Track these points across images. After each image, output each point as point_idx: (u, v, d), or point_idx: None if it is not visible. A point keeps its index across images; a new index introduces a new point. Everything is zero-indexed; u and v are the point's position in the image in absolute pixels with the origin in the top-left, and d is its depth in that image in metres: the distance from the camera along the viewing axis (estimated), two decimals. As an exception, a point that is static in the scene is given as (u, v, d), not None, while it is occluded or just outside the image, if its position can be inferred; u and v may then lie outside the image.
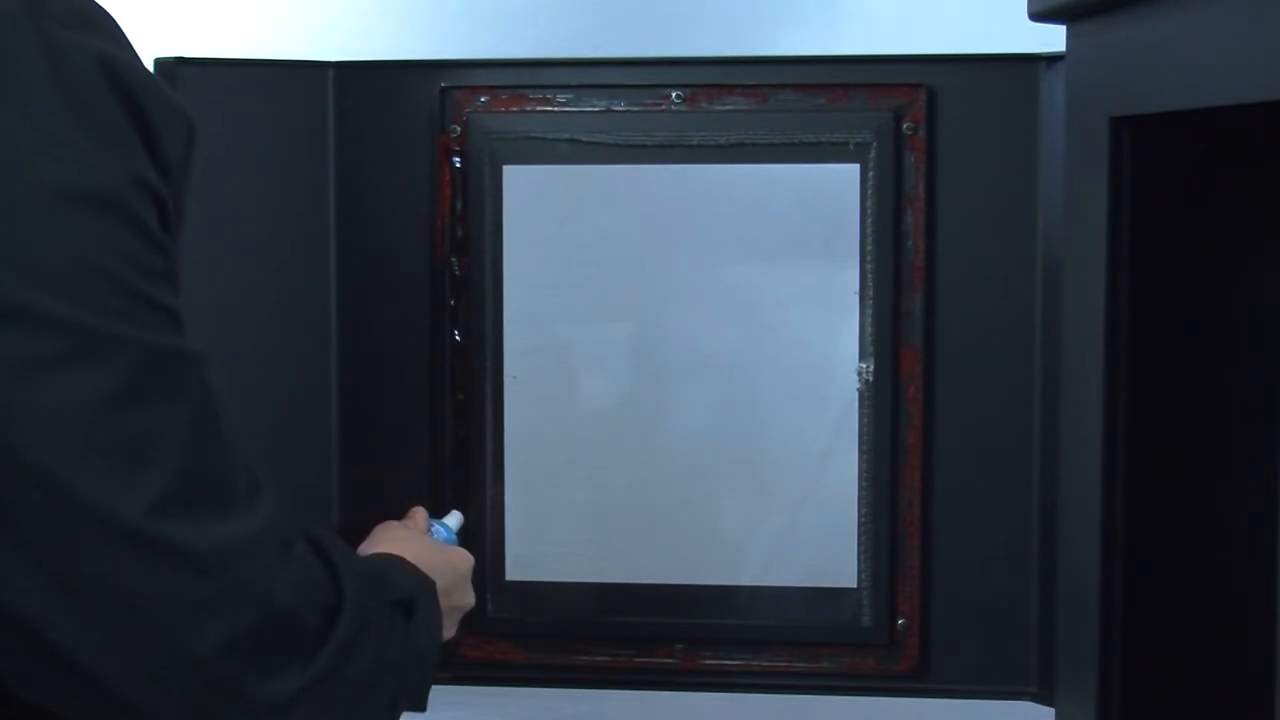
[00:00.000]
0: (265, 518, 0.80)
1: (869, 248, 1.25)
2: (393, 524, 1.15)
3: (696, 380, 1.29)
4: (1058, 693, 1.03)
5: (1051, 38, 1.03)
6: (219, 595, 0.77)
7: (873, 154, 1.25)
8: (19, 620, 0.75)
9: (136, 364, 0.75)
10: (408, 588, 0.95)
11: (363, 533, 1.32)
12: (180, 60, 1.21)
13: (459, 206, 1.29)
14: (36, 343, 0.73)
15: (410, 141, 1.30)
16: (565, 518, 1.30)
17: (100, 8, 0.81)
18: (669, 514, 1.29)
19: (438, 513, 1.22)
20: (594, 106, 1.28)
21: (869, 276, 1.25)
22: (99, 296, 0.74)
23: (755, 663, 1.29)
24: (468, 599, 1.14)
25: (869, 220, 1.25)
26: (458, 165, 1.29)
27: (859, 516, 1.27)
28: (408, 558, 1.02)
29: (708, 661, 1.30)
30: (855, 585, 1.27)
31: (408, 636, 0.92)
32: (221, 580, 0.77)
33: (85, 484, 0.73)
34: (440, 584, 1.01)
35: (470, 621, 1.28)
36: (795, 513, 1.29)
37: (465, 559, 1.15)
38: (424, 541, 1.14)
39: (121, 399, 0.75)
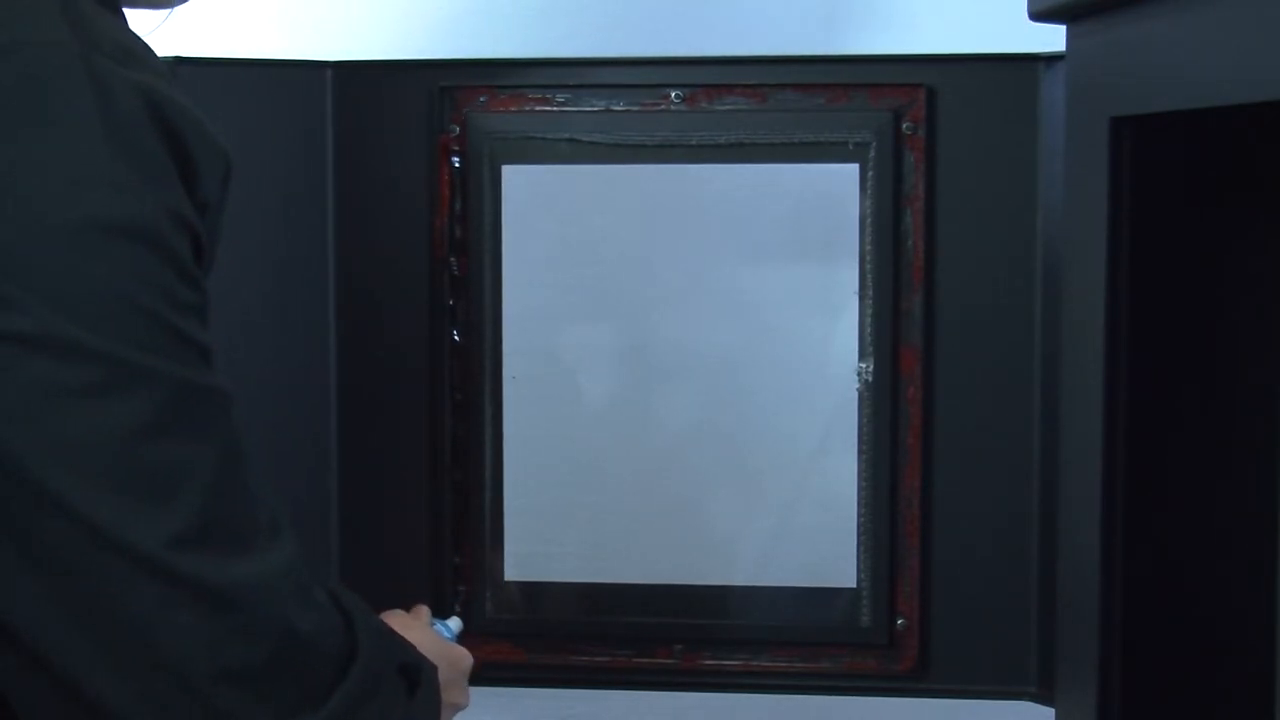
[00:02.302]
0: (284, 558, 0.80)
1: (868, 247, 1.25)
2: (399, 612, 1.16)
3: (696, 380, 1.29)
4: (1058, 693, 1.03)
5: (1051, 38, 1.03)
6: (233, 631, 0.77)
7: (872, 154, 1.25)
8: (30, 647, 0.75)
9: (165, 397, 0.75)
10: (416, 657, 0.95)
11: (362, 533, 1.32)
12: (178, 60, 1.21)
13: (458, 206, 1.29)
14: (65, 372, 0.73)
15: (409, 141, 1.30)
16: (565, 518, 1.30)
17: (144, 43, 0.81)
18: (668, 514, 1.29)
19: (440, 614, 1.22)
20: (593, 106, 1.28)
21: (868, 276, 1.25)
22: (130, 328, 0.74)
23: (755, 663, 1.29)
24: (463, 699, 1.12)
25: (868, 220, 1.25)
26: (457, 165, 1.29)
27: (858, 516, 1.27)
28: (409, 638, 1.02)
29: (707, 662, 1.30)
30: (855, 585, 1.27)
31: (409, 708, 0.92)
32: (237, 617, 0.77)
33: (107, 514, 0.73)
34: (440, 676, 1.00)
35: (469, 622, 1.28)
36: (794, 513, 1.29)
37: (465, 657, 1.13)
38: (428, 632, 1.13)
39: (148, 431, 0.75)
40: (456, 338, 1.30)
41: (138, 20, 0.87)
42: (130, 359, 0.74)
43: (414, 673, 0.93)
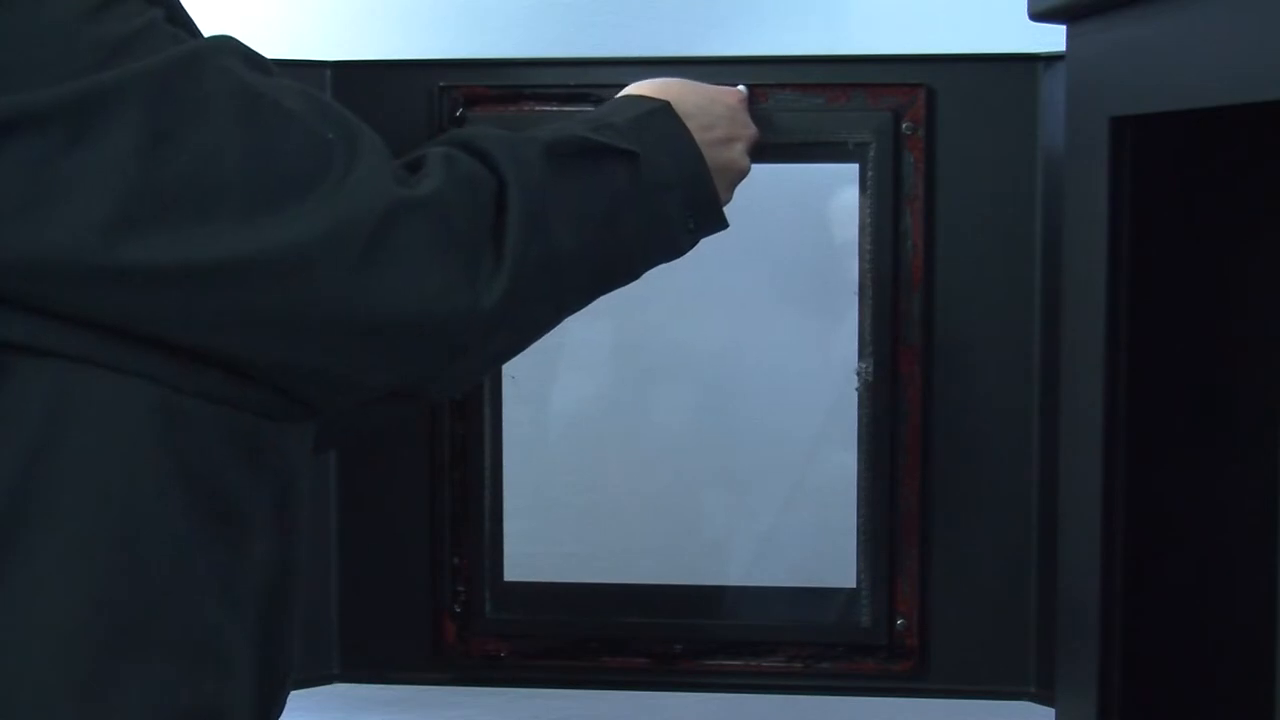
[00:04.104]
0: (373, 161, 0.83)
1: (868, 247, 1.25)
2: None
3: (696, 380, 1.29)
4: (1058, 693, 1.03)
5: (1051, 38, 1.03)
6: (368, 261, 0.80)
7: (872, 154, 1.24)
8: (272, 359, 0.80)
9: (141, 109, 0.75)
10: (604, 125, 0.97)
11: (360, 534, 1.32)
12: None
13: (458, 206, 1.29)
14: (40, 138, 0.73)
15: (408, 141, 1.30)
16: (565, 518, 1.30)
17: None
18: (668, 514, 1.29)
19: None
20: (592, 106, 1.28)
21: (868, 276, 1.25)
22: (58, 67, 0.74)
23: (755, 663, 1.29)
24: (742, 130, 1.12)
25: (868, 220, 1.25)
26: (457, 165, 1.29)
27: (858, 516, 1.27)
28: (649, 93, 1.04)
29: (707, 662, 1.29)
30: (854, 585, 1.27)
31: (631, 174, 0.94)
32: (366, 241, 0.80)
33: (207, 241, 0.76)
34: (701, 119, 1.02)
35: (469, 622, 1.28)
36: (793, 513, 1.29)
37: (733, 93, 1.13)
38: (686, 82, 1.11)
39: (148, 148, 0.75)
40: (456, 338, 1.30)
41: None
42: (80, 97, 0.74)
43: (599, 147, 0.94)
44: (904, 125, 1.24)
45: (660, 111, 1.01)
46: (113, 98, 0.74)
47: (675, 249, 1.04)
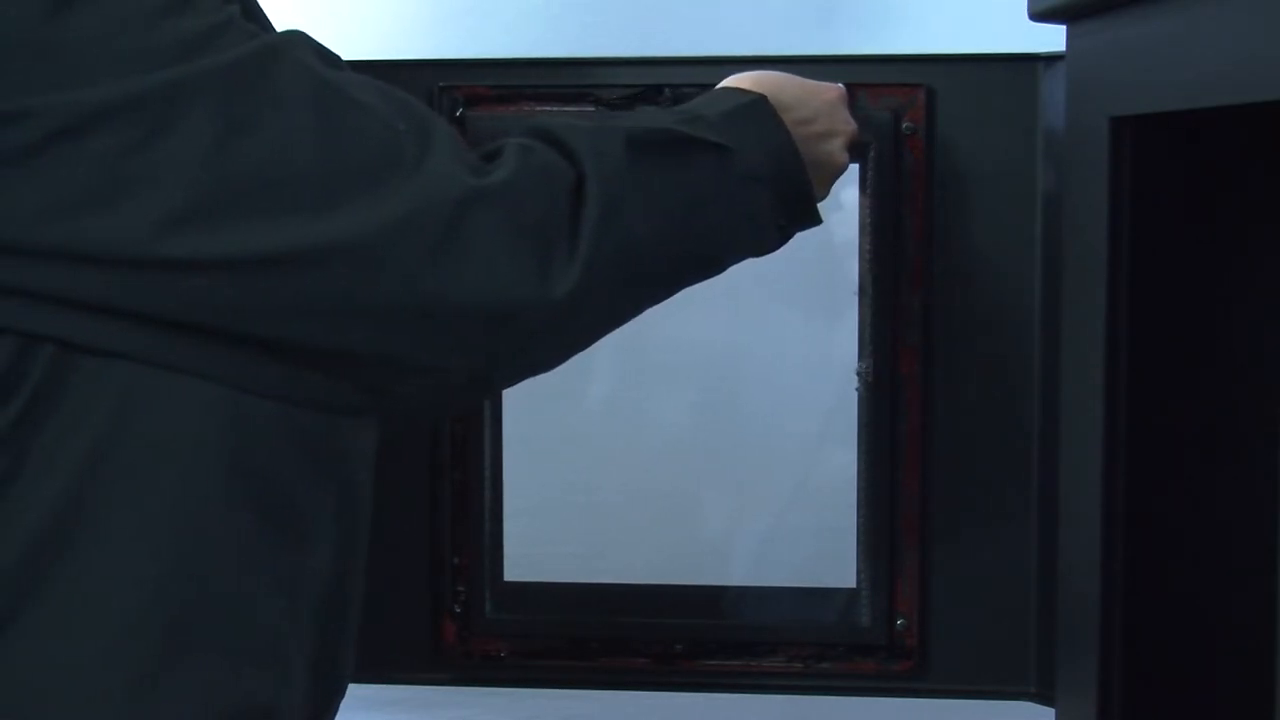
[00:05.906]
0: (445, 152, 0.83)
1: (868, 247, 1.25)
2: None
3: (696, 380, 1.29)
4: (1058, 693, 1.03)
5: (1051, 38, 1.03)
6: (439, 250, 0.80)
7: (872, 153, 1.24)
8: (342, 348, 0.81)
9: (218, 102, 0.76)
10: (694, 118, 0.95)
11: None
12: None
13: (458, 206, 1.29)
14: (109, 138, 0.74)
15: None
16: (564, 518, 1.30)
17: None
18: (668, 514, 1.29)
19: None
20: (590, 106, 1.28)
21: (868, 276, 1.25)
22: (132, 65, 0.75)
23: (754, 664, 1.29)
24: (842, 125, 1.08)
25: (868, 220, 1.25)
26: (456, 165, 1.29)
27: (858, 516, 1.27)
28: (746, 86, 1.02)
29: (707, 662, 1.29)
30: (854, 585, 1.27)
31: (719, 168, 0.93)
32: (438, 231, 0.80)
33: (281, 232, 0.77)
34: (799, 112, 1.00)
35: (469, 622, 1.28)
36: (794, 513, 1.29)
37: (833, 88, 1.10)
38: (785, 75, 1.08)
39: (223, 142, 0.76)
40: (456, 338, 1.30)
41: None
42: (154, 92, 0.75)
43: (685, 140, 0.93)
44: (904, 125, 1.24)
45: (756, 104, 0.99)
46: (189, 93, 0.75)
47: (762, 244, 1.02)
